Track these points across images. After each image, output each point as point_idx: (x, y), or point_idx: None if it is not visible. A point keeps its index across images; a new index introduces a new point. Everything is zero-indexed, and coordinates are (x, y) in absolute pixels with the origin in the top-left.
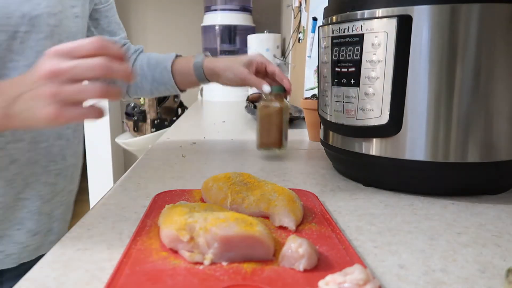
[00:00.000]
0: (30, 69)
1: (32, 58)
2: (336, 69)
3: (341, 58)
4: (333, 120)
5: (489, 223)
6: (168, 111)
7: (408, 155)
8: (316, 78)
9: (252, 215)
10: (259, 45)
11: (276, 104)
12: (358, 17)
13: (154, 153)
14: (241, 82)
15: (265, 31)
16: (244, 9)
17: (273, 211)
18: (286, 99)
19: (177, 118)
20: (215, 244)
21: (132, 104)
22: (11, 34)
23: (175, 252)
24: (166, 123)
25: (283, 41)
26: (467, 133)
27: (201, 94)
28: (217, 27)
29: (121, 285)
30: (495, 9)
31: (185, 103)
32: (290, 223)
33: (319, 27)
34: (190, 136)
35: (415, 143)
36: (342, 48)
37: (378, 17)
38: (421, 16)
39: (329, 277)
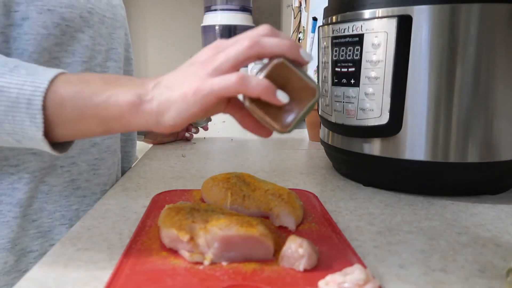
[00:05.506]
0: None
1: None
2: (336, 69)
3: (341, 58)
4: (333, 120)
5: (489, 223)
6: None
7: (408, 155)
8: (316, 78)
9: (252, 215)
10: None
11: None
12: (358, 17)
13: (154, 153)
14: None
15: None
16: (244, 9)
17: (273, 211)
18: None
19: None
20: (215, 244)
21: None
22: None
23: (175, 252)
24: None
25: None
26: (467, 133)
27: None
28: (217, 27)
29: (121, 285)
30: (495, 9)
31: None
32: (290, 223)
33: (319, 27)
34: None
35: (415, 143)
36: (342, 48)
37: (378, 17)
38: (421, 16)
39: (329, 277)
